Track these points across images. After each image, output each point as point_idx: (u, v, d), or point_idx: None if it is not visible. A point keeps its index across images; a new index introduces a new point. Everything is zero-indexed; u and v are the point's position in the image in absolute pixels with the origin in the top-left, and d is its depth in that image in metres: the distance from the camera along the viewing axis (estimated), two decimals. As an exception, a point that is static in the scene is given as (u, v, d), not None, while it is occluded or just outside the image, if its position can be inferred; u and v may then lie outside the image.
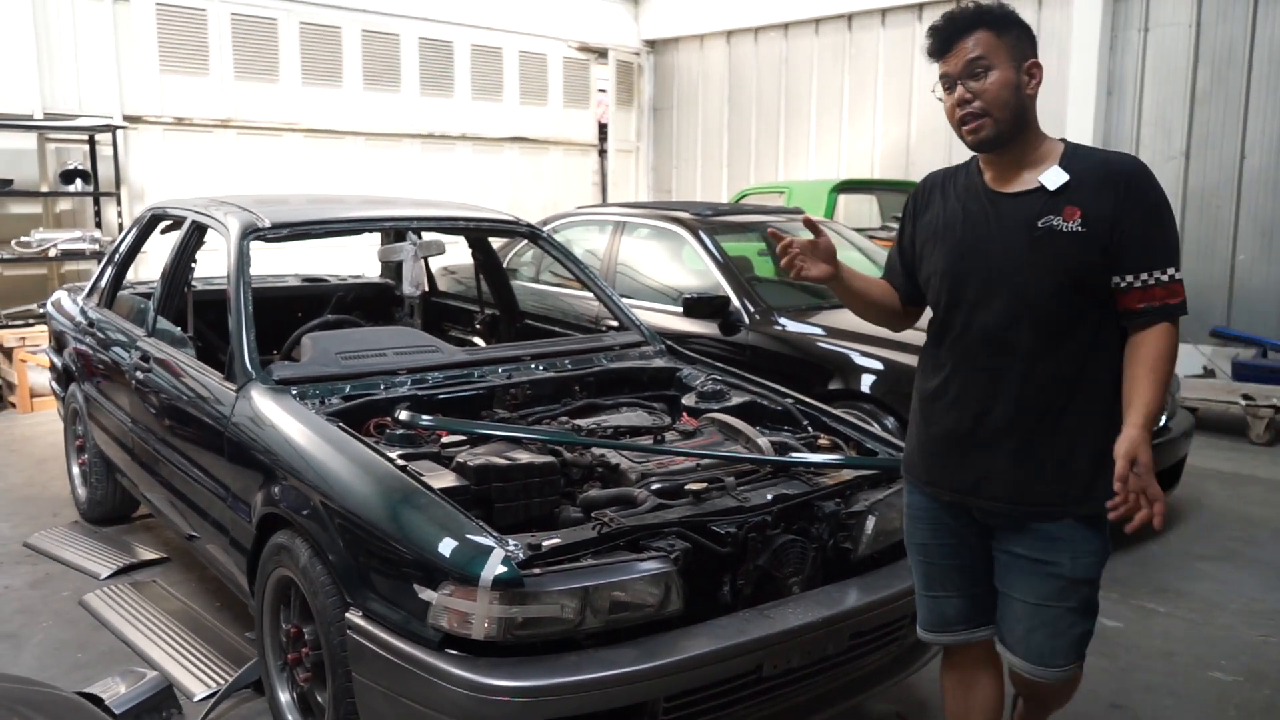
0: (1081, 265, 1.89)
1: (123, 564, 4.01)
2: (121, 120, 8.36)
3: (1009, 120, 1.93)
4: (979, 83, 1.92)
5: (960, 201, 2.05)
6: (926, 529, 2.16)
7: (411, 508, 2.27)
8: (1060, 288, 1.91)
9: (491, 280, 4.60)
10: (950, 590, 2.16)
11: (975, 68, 1.92)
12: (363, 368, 3.12)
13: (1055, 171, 1.93)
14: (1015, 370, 1.95)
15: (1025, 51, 1.95)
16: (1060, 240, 1.90)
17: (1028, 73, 1.95)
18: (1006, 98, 1.92)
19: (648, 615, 2.19)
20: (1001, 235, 1.96)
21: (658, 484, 2.53)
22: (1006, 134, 1.94)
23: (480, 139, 11.07)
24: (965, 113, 1.95)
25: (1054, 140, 2.01)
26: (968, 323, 2.01)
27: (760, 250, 5.94)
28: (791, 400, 3.25)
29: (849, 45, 10.63)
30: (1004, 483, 1.99)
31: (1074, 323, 1.92)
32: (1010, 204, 1.97)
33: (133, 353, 3.74)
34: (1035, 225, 1.92)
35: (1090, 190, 1.90)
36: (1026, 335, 1.94)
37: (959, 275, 2.01)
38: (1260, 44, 7.97)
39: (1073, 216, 1.89)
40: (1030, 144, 1.97)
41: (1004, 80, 1.92)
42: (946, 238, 2.05)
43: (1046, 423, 1.95)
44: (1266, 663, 3.38)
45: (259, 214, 3.49)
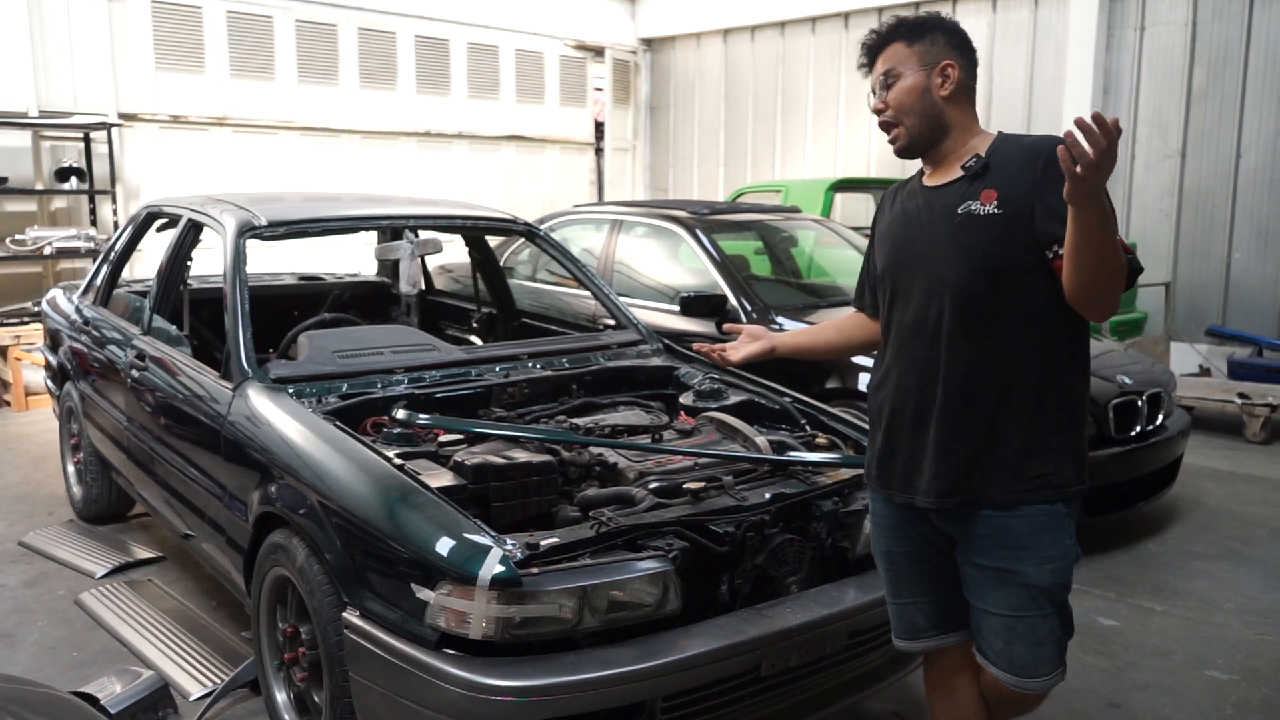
0: (999, 248, 1.88)
1: (118, 563, 4.00)
2: (117, 118, 8.33)
3: (920, 125, 1.98)
4: (891, 92, 1.99)
5: (902, 203, 2.10)
6: (888, 535, 2.13)
7: (409, 507, 2.26)
8: (979, 273, 1.89)
9: (489, 279, 4.59)
10: (917, 596, 2.14)
11: (887, 79, 2.00)
12: (359, 366, 3.11)
13: (975, 158, 1.95)
14: (941, 359, 1.94)
15: (938, 55, 1.97)
16: (978, 224, 1.90)
17: (940, 74, 1.97)
18: (912, 103, 1.97)
19: (646, 615, 2.18)
20: (930, 226, 1.99)
21: (656, 483, 2.52)
22: (921, 139, 1.99)
23: (477, 137, 11.05)
24: (880, 122, 2.03)
25: (987, 135, 2.01)
26: (901, 316, 2.03)
27: (757, 249, 5.95)
28: (789, 399, 3.24)
29: (845, 44, 10.63)
30: (932, 475, 1.96)
31: (999, 309, 1.90)
32: (937, 195, 2.00)
33: (128, 351, 3.72)
34: (955, 212, 1.93)
35: (1009, 172, 1.90)
36: (950, 323, 1.93)
37: (895, 271, 2.05)
38: (1256, 43, 7.98)
39: (990, 199, 1.89)
40: (956, 142, 1.99)
41: (909, 87, 1.97)
42: (888, 239, 2.10)
43: (974, 412, 1.92)
44: (1263, 661, 3.38)
45: (255, 212, 3.47)
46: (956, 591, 2.07)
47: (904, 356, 2.02)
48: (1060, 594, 1.95)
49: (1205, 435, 6.39)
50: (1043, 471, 1.90)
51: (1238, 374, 7.50)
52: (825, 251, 6.26)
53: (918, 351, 1.98)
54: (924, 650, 2.20)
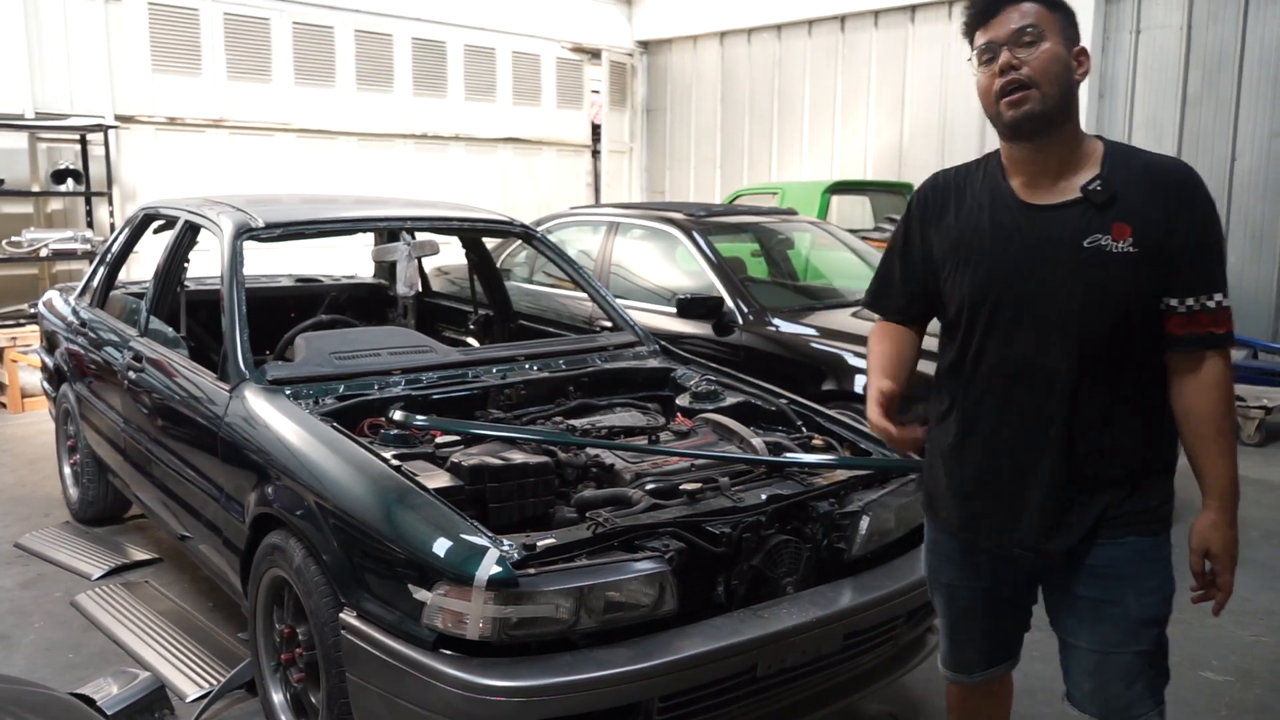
0: (1134, 290, 1.69)
1: (115, 564, 4.00)
2: (113, 120, 8.35)
3: (1057, 98, 1.70)
4: (1028, 51, 1.69)
5: (985, 211, 1.81)
6: (954, 570, 1.99)
7: (406, 508, 2.27)
8: (1111, 317, 1.70)
9: (485, 281, 4.59)
10: (974, 634, 2.03)
11: (1025, 35, 1.69)
12: (357, 368, 3.11)
13: (1100, 181, 1.71)
14: (1055, 407, 1.75)
15: (1075, 35, 1.74)
16: (1111, 263, 1.68)
17: (1076, 58, 1.73)
18: (1058, 72, 1.69)
19: (642, 615, 2.19)
20: (1040, 255, 1.73)
21: (652, 484, 2.53)
22: (1053, 114, 1.71)
23: (473, 139, 11.07)
24: (1009, 80, 1.70)
25: (1091, 138, 1.78)
26: (1000, 354, 1.79)
27: (754, 251, 5.96)
28: (785, 400, 3.25)
29: (842, 46, 10.66)
30: (1040, 525, 1.79)
31: (1125, 354, 1.73)
32: (1047, 219, 1.74)
33: (125, 353, 3.72)
34: (1080, 245, 1.70)
35: (1136, 201, 1.68)
36: (1068, 368, 1.72)
37: (989, 300, 1.79)
38: (1251, 46, 8.01)
39: (1123, 235, 1.67)
40: (1070, 141, 1.75)
41: (1055, 53, 1.70)
42: (970, 255, 1.82)
43: (1090, 461, 1.76)
44: (1257, 662, 3.39)
45: (252, 214, 3.48)
46: (1014, 624, 2.02)
47: (1003, 400, 1.80)
48: (1158, 627, 1.83)
49: (1200, 437, 6.39)
50: (1149, 505, 1.80)
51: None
52: (821, 254, 6.27)
53: (1023, 396, 1.78)
54: (969, 684, 2.10)
